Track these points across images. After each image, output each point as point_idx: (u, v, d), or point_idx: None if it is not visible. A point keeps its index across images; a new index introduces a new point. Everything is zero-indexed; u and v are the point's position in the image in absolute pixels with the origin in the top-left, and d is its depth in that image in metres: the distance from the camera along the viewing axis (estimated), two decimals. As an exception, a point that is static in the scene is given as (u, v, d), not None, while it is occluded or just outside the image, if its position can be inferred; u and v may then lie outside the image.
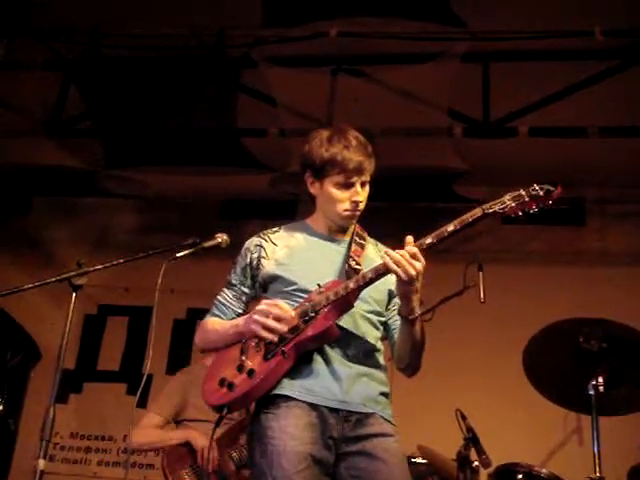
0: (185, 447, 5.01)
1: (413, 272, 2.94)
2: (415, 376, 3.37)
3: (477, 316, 5.83)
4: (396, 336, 3.30)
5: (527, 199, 2.97)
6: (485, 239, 5.93)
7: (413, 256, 2.95)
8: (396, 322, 3.32)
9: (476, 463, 4.81)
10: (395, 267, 2.95)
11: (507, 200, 2.98)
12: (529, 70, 5.81)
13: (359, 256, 3.32)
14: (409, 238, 3.01)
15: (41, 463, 3.28)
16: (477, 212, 2.99)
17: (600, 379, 4.29)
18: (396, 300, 3.35)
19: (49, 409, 3.37)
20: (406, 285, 2.99)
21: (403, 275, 2.95)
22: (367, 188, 3.33)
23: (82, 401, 7.24)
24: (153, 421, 5.19)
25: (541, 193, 2.97)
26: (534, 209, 2.99)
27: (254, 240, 3.42)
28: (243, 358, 3.16)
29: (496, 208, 2.98)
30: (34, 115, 6.29)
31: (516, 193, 2.99)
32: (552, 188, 2.97)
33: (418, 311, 3.09)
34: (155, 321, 3.68)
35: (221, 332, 3.33)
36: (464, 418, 4.92)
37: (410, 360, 3.26)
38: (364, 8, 5.58)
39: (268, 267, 3.32)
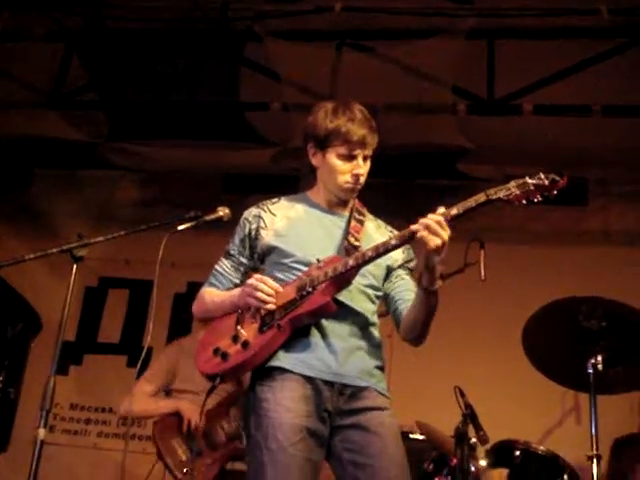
0: (175, 417, 5.06)
1: (439, 241, 2.92)
2: (415, 352, 3.39)
3: (477, 294, 5.85)
4: (404, 307, 3.31)
5: (532, 187, 2.93)
6: (487, 218, 5.92)
7: (440, 224, 2.93)
8: (401, 293, 3.35)
9: (474, 439, 4.83)
10: (425, 233, 2.92)
11: (512, 187, 2.95)
12: (534, 48, 5.80)
13: (358, 232, 3.32)
14: (442, 208, 2.98)
15: (41, 432, 3.31)
16: (481, 197, 2.96)
17: (599, 357, 4.31)
18: (400, 272, 3.38)
19: (49, 379, 3.41)
20: (432, 254, 2.97)
21: (430, 243, 2.93)
22: (369, 163, 3.34)
23: (82, 373, 7.27)
24: (145, 389, 5.24)
25: (546, 182, 2.92)
26: (538, 198, 2.95)
27: (253, 211, 3.43)
28: (238, 328, 3.19)
29: (501, 195, 2.95)
30: (37, 87, 6.27)
31: (521, 181, 2.95)
32: (558, 177, 2.93)
33: (439, 283, 3.08)
34: (155, 294, 3.73)
35: (218, 302, 3.36)
36: (462, 395, 4.94)
37: (421, 330, 3.25)
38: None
39: (267, 238, 3.33)
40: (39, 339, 6.96)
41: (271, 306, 3.12)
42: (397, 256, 3.35)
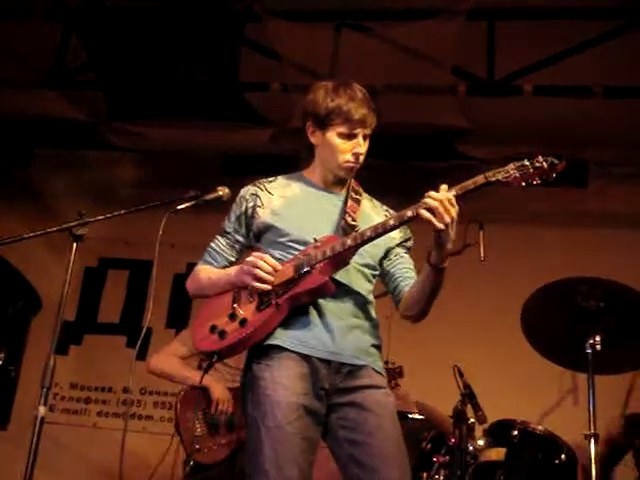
0: (202, 390, 5.04)
1: (448, 218, 2.94)
2: (414, 333, 3.40)
3: (477, 274, 5.88)
4: (404, 284, 3.32)
5: (531, 170, 2.95)
6: (486, 198, 5.90)
7: (449, 201, 2.94)
8: (401, 271, 3.37)
9: (472, 419, 4.88)
10: (428, 214, 2.94)
11: (511, 170, 2.97)
12: (535, 28, 5.78)
13: (355, 212, 3.33)
14: (444, 186, 2.98)
15: (41, 410, 3.33)
16: (480, 179, 2.98)
17: (597, 338, 4.32)
18: (398, 250, 3.40)
19: (49, 357, 3.42)
20: (441, 233, 2.98)
21: (438, 222, 2.93)
22: (367, 142, 3.35)
23: (82, 352, 7.30)
24: (179, 350, 5.23)
25: (545, 165, 2.95)
26: (537, 181, 2.97)
27: (250, 189, 3.43)
28: (235, 306, 3.19)
29: (499, 177, 2.97)
30: (35, 66, 6.26)
31: (520, 163, 2.97)
32: (556, 161, 2.95)
33: (447, 261, 3.09)
34: (155, 275, 3.72)
35: (214, 280, 3.37)
36: (461, 375, 4.97)
37: (424, 307, 3.26)
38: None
39: (263, 216, 3.33)
40: (39, 318, 7.00)
41: (268, 285, 3.13)
42: (395, 235, 3.35)
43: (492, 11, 5.83)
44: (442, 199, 2.93)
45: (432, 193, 2.96)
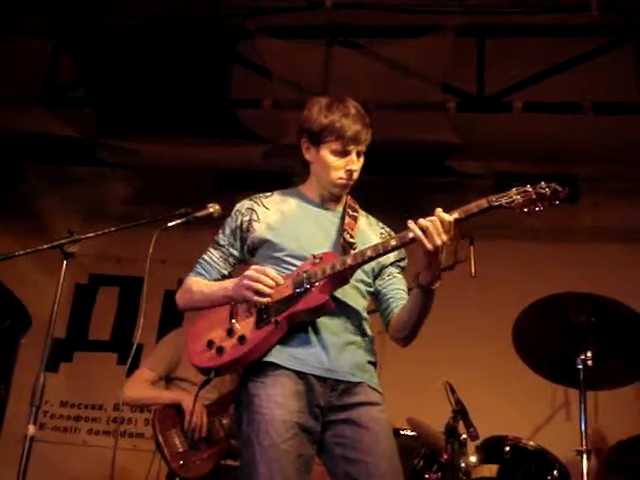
0: (175, 408, 5.06)
1: (440, 242, 2.93)
2: (406, 349, 3.39)
3: (468, 290, 5.86)
4: (395, 305, 3.31)
5: (534, 196, 2.94)
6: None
7: (443, 223, 2.93)
8: (393, 292, 3.35)
9: (464, 435, 4.85)
10: (421, 235, 2.94)
11: (513, 195, 2.96)
12: (524, 45, 5.80)
13: (353, 229, 3.33)
14: (440, 210, 2.98)
15: (31, 429, 3.32)
16: (483, 204, 2.98)
17: (589, 353, 4.35)
18: (392, 270, 3.38)
19: (39, 376, 3.41)
20: (431, 255, 2.98)
21: (429, 245, 2.94)
22: (362, 159, 3.35)
23: (72, 370, 7.27)
24: (146, 376, 5.24)
25: (548, 192, 2.95)
26: (540, 208, 2.96)
27: (246, 203, 3.42)
28: (233, 322, 3.17)
29: (502, 201, 2.97)
30: (27, 83, 6.25)
31: (522, 189, 2.97)
32: (559, 188, 2.95)
33: (438, 283, 3.09)
34: (146, 291, 3.73)
35: (207, 293, 3.34)
36: (453, 391, 4.95)
37: (413, 329, 3.26)
38: (360, -22, 5.59)
39: (259, 231, 3.32)
40: (29, 336, 6.96)
41: (268, 299, 3.11)
42: (389, 254, 3.35)
43: (481, 28, 5.85)
44: (434, 220, 2.93)
45: (429, 217, 2.95)
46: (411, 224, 2.98)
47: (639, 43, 5.70)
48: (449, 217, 2.94)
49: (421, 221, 2.95)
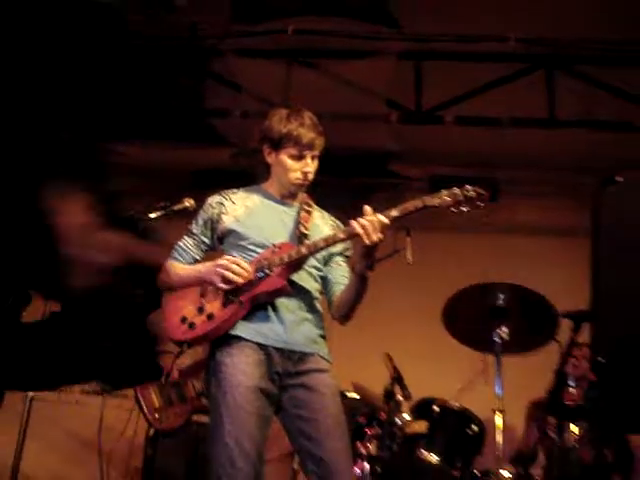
0: None
1: (377, 238, 2.97)
2: (352, 324, 3.41)
3: (405, 275, 5.87)
4: (338, 289, 3.33)
5: (461, 198, 2.97)
6: (413, 210, 6.00)
7: (380, 223, 2.97)
8: (337, 277, 3.36)
9: (400, 397, 4.90)
10: (361, 231, 2.98)
11: (444, 196, 2.99)
12: (455, 67, 5.86)
13: (307, 222, 3.34)
14: (367, 208, 3.02)
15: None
16: (419, 204, 3.01)
17: (504, 328, 4.42)
18: (338, 259, 3.40)
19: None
20: (368, 248, 3.01)
21: (367, 241, 2.98)
22: (316, 162, 3.35)
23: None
24: None
25: (474, 195, 2.97)
26: (467, 208, 2.98)
27: (216, 197, 3.42)
28: (203, 301, 3.20)
29: (435, 202, 3.00)
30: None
31: (453, 191, 2.99)
32: (483, 192, 2.98)
33: (370, 272, 3.12)
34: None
35: (182, 275, 3.34)
36: (391, 360, 5.00)
37: (349, 310, 3.29)
38: (317, 9, 5.60)
39: (227, 222, 3.32)
40: (29, 311, 6.90)
41: (231, 286, 3.13)
42: (337, 244, 3.37)
43: (418, 52, 5.91)
44: (373, 220, 2.97)
45: (367, 214, 2.99)
46: (353, 222, 3.02)
47: (549, 69, 5.80)
48: (384, 219, 2.98)
49: (361, 220, 2.99)
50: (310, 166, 3.32)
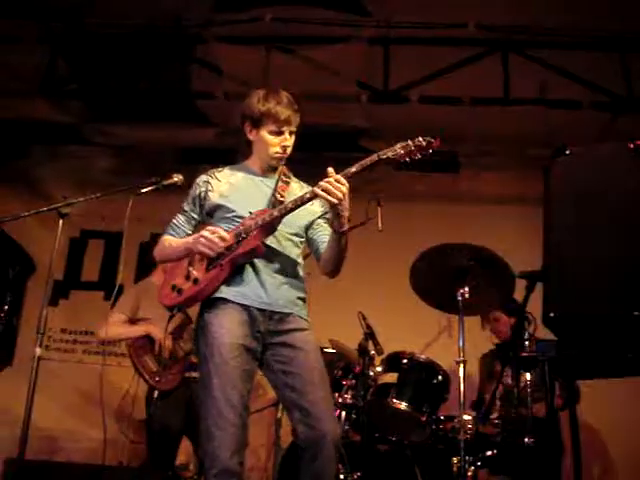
0: (146, 338, 5.06)
1: (340, 194, 2.96)
2: (329, 286, 3.42)
3: (376, 241, 5.84)
4: (322, 247, 3.32)
5: (413, 148, 2.97)
6: (382, 182, 6.00)
7: (338, 181, 2.97)
8: (320, 237, 3.36)
9: (372, 352, 4.94)
10: (324, 194, 2.97)
11: (397, 148, 3.00)
12: (420, 51, 5.83)
13: (284, 190, 3.35)
14: (330, 169, 3.02)
15: (38, 350, 3.39)
16: (374, 157, 3.02)
17: (466, 288, 4.42)
18: (319, 221, 3.39)
19: (43, 309, 3.43)
20: (336, 206, 3.00)
21: (332, 199, 2.96)
22: (293, 137, 3.35)
23: (69, 304, 7.17)
24: (119, 318, 5.20)
25: (424, 143, 2.98)
26: (418, 156, 2.99)
27: (202, 177, 3.43)
28: (190, 269, 3.22)
29: (389, 154, 3.00)
30: (29, 79, 6.11)
31: (404, 143, 3.00)
32: (432, 140, 2.98)
33: (346, 226, 3.11)
34: (125, 243, 3.82)
35: (174, 247, 3.35)
36: (365, 318, 5.03)
37: (334, 266, 3.28)
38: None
39: (213, 198, 3.33)
40: (34, 279, 6.87)
41: (214, 252, 3.14)
42: (317, 209, 3.39)
43: (388, 38, 5.87)
44: (331, 181, 2.97)
45: (330, 177, 2.99)
46: (315, 189, 3.03)
47: (505, 52, 5.79)
48: (338, 176, 2.98)
49: (321, 183, 3.00)
50: (288, 140, 3.33)
